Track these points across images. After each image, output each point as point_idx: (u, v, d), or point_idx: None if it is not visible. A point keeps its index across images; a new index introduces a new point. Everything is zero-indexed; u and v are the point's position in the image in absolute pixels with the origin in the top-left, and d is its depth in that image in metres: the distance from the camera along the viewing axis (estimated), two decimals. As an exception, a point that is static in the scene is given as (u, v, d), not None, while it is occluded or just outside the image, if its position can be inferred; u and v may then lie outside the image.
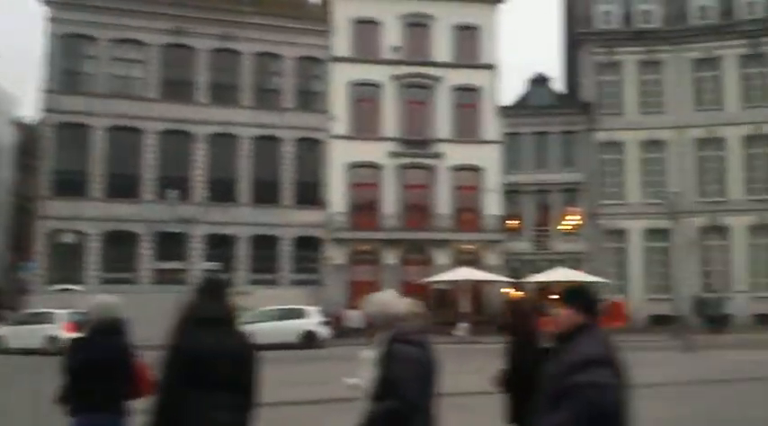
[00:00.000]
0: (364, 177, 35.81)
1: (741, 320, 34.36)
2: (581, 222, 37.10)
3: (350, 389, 4.71)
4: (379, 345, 4.12)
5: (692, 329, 25.83)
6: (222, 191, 34.24)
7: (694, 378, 16.02)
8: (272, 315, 26.59)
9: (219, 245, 33.52)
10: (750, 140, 36.70)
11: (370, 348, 4.34)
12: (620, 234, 37.19)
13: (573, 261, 35.65)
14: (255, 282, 31.75)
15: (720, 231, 36.61)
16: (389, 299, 4.43)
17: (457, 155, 36.11)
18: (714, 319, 31.54)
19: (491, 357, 8.54)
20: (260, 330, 24.66)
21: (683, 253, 34.47)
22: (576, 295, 3.64)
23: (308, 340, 26.44)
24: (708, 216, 36.30)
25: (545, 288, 34.76)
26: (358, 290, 35.20)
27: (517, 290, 34.28)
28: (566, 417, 3.24)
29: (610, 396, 3.28)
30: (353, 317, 27.17)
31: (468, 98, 36.95)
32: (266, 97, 35.77)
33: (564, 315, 3.55)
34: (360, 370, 4.50)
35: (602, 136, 37.59)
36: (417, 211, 35.97)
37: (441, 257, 35.35)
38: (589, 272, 34.65)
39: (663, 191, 33.52)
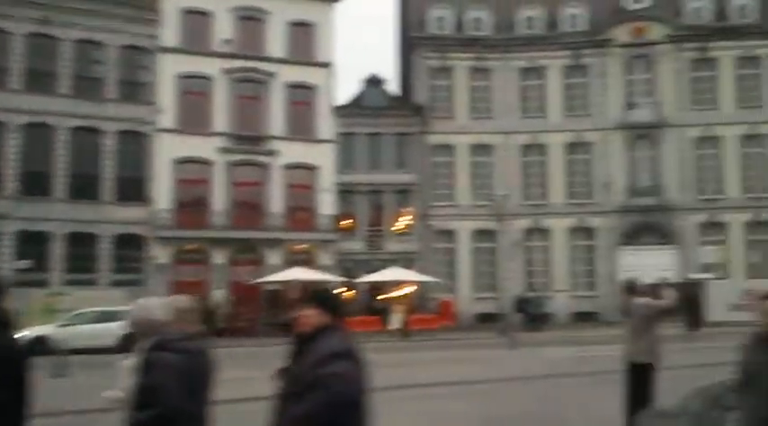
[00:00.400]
0: (192, 173, 34.39)
1: (561, 318, 36.03)
2: (413, 222, 37.55)
3: (110, 402, 4.58)
4: (139, 353, 4.12)
5: (514, 327, 26.56)
6: (36, 185, 31.75)
7: (515, 375, 16.41)
8: (88, 317, 24.95)
9: (32, 243, 31.01)
10: (571, 147, 38.47)
11: (130, 356, 4.28)
12: (450, 234, 37.93)
13: (405, 261, 35.98)
14: (72, 283, 29.61)
15: (543, 233, 38.15)
16: (152, 305, 4.43)
17: (290, 152, 35.45)
18: (535, 317, 32.76)
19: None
20: (76, 333, 23.24)
21: (508, 254, 35.57)
22: (321, 297, 3.89)
23: (127, 343, 24.75)
24: (531, 218, 37.74)
25: (377, 288, 34.99)
26: (184, 291, 33.81)
27: (350, 290, 34.10)
28: (309, 406, 3.46)
29: (352, 387, 3.57)
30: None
31: (302, 95, 36.41)
32: (87, 86, 33.52)
33: (309, 316, 3.75)
34: (119, 380, 4.44)
35: (434, 138, 38.21)
36: (248, 210, 34.98)
37: (272, 257, 34.56)
38: (420, 272, 35.10)
39: (490, 194, 34.53)
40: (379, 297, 35.06)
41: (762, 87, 37.54)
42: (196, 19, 35.15)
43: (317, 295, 3.93)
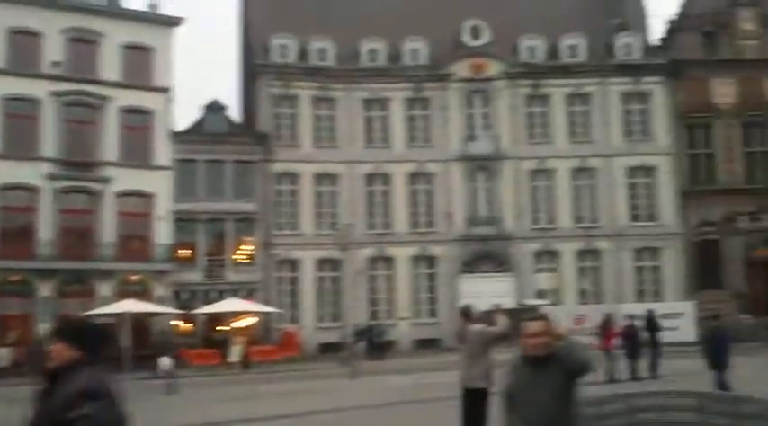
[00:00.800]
0: (16, 200, 32.21)
1: (404, 345, 36.24)
2: (255, 252, 36.74)
3: None
4: None
5: (357, 356, 26.34)
6: None
7: (356, 404, 16.21)
8: None
9: None
10: (414, 177, 39.01)
11: None
12: (293, 263, 37.36)
13: (246, 292, 35.18)
14: None
15: (386, 261, 38.34)
16: None
17: (124, 179, 33.84)
18: (378, 345, 32.75)
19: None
20: None
21: (352, 283, 35.47)
22: (69, 330, 3.60)
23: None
24: (375, 247, 37.86)
25: (216, 319, 33.89)
26: (6, 325, 31.61)
27: (187, 322, 32.82)
28: None
29: None
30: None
31: (138, 121, 34.97)
32: None
33: (58, 351, 3.46)
34: None
35: (277, 167, 37.67)
36: (78, 239, 33.05)
37: (104, 288, 32.70)
38: (263, 302, 34.39)
39: (335, 223, 34.43)
40: (218, 329, 33.95)
41: (591, 123, 39.64)
42: (24, 39, 33.15)
43: (64, 328, 3.67)
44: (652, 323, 22.34)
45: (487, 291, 34.45)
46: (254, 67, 39.51)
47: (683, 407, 6.33)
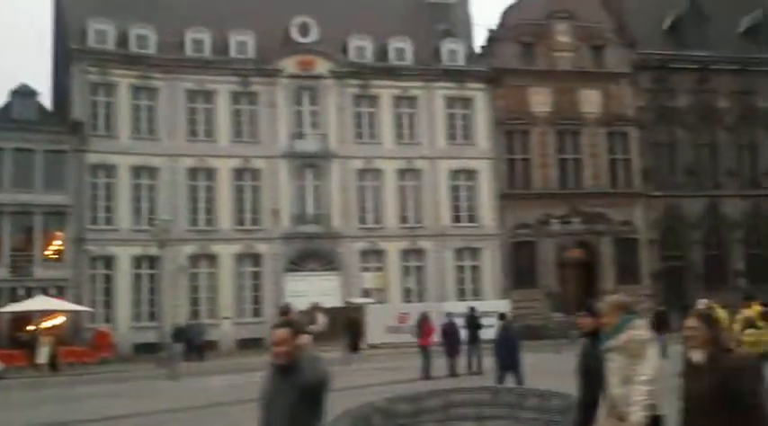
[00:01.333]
0: None
1: (227, 345, 35.39)
2: (67, 247, 34.58)
3: None
4: None
5: (176, 357, 25.39)
6: None
7: (173, 407, 15.66)
8: None
9: None
10: (239, 173, 38.15)
11: None
12: (108, 260, 35.52)
13: (57, 289, 33.17)
14: None
15: (209, 259, 37.27)
16: None
17: None
18: (198, 346, 31.77)
19: None
20: None
21: (172, 281, 34.20)
22: None
23: None
24: (198, 244, 36.72)
25: (23, 317, 31.77)
26: None
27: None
28: None
29: None
30: None
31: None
32: None
33: None
34: None
35: (92, 158, 35.63)
36: None
37: None
38: (74, 300, 32.59)
39: (154, 218, 33.03)
40: (25, 329, 31.75)
41: (417, 125, 40.41)
42: None
43: None
44: (473, 321, 23.02)
45: (314, 290, 34.41)
46: (68, 52, 37.10)
47: (498, 402, 6.33)
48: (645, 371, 5.14)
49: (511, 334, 16.19)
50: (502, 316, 17.84)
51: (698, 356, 4.73)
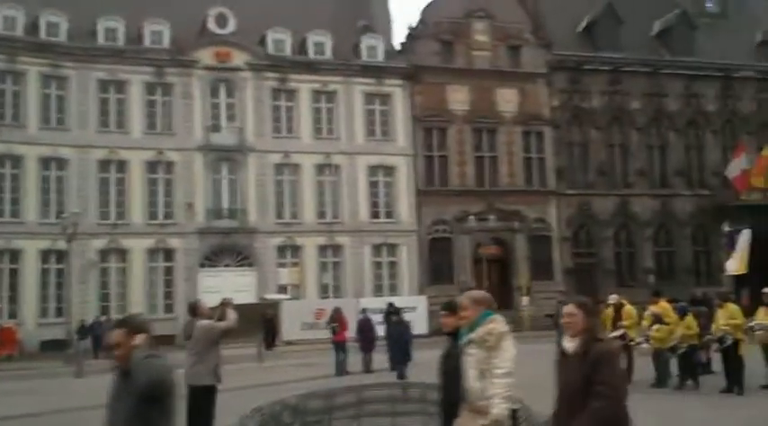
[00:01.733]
0: None
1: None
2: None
3: None
4: None
5: (84, 354, 24.63)
6: None
7: (83, 404, 15.11)
8: None
9: None
10: (152, 165, 37.24)
11: None
12: (13, 254, 34.19)
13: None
14: None
15: (120, 253, 36.27)
16: None
17: None
18: (106, 343, 30.80)
19: None
20: None
21: (81, 276, 33.16)
22: None
23: None
24: (108, 238, 35.68)
25: None
26: None
27: None
28: None
29: None
30: None
31: None
32: None
33: None
34: None
35: (-1, 148, 34.25)
36: None
37: None
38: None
39: (62, 211, 31.99)
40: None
41: (336, 120, 40.22)
42: None
43: None
44: (391, 317, 23.01)
45: (228, 286, 33.76)
46: (-26, 37, 35.48)
47: (409, 398, 6.31)
48: (502, 364, 5.09)
49: (401, 331, 16.25)
50: (396, 312, 17.84)
51: (570, 345, 4.82)
